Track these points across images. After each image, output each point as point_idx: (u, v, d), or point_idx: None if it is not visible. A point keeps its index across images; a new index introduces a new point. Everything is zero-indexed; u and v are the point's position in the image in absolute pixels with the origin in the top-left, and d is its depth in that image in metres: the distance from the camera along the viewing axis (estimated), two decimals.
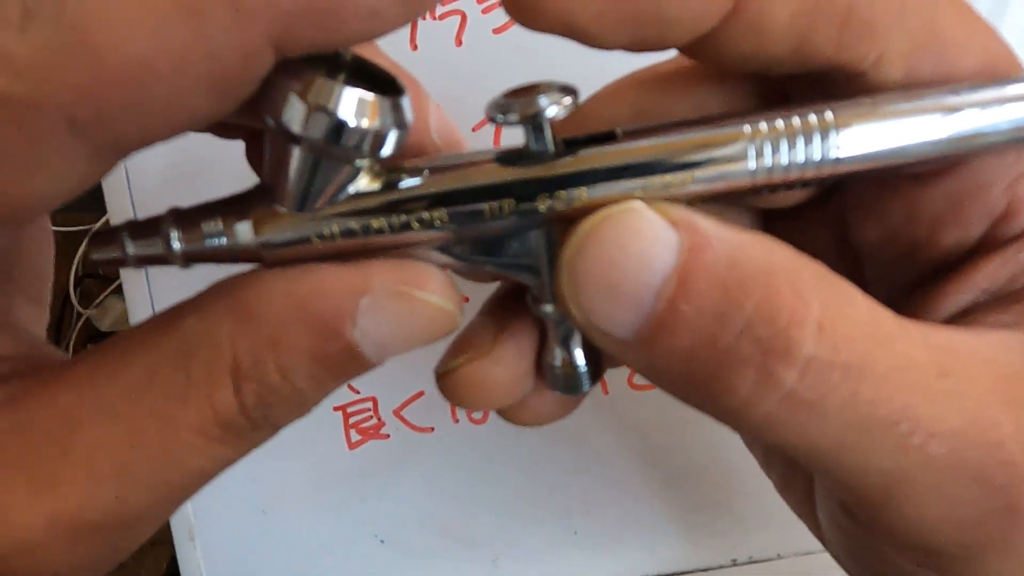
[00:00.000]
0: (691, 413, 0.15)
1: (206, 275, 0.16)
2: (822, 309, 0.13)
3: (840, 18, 0.14)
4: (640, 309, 0.13)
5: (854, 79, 0.15)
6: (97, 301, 0.68)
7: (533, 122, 0.14)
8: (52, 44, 0.11)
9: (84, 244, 0.64)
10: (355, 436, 0.35)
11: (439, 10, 0.32)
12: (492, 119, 0.14)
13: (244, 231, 0.15)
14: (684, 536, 0.36)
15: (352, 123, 0.13)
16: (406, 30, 0.32)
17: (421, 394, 0.35)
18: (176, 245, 0.15)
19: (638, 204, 0.14)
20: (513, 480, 0.36)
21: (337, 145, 0.13)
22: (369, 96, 0.13)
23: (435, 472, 0.36)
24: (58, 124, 0.12)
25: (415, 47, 0.32)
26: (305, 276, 0.14)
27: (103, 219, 0.58)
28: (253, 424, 0.15)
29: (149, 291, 0.34)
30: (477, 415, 0.35)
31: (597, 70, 0.32)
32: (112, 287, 0.67)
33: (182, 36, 0.11)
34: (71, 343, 0.69)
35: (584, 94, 0.35)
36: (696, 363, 0.13)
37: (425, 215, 0.15)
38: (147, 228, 0.15)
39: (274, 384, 0.14)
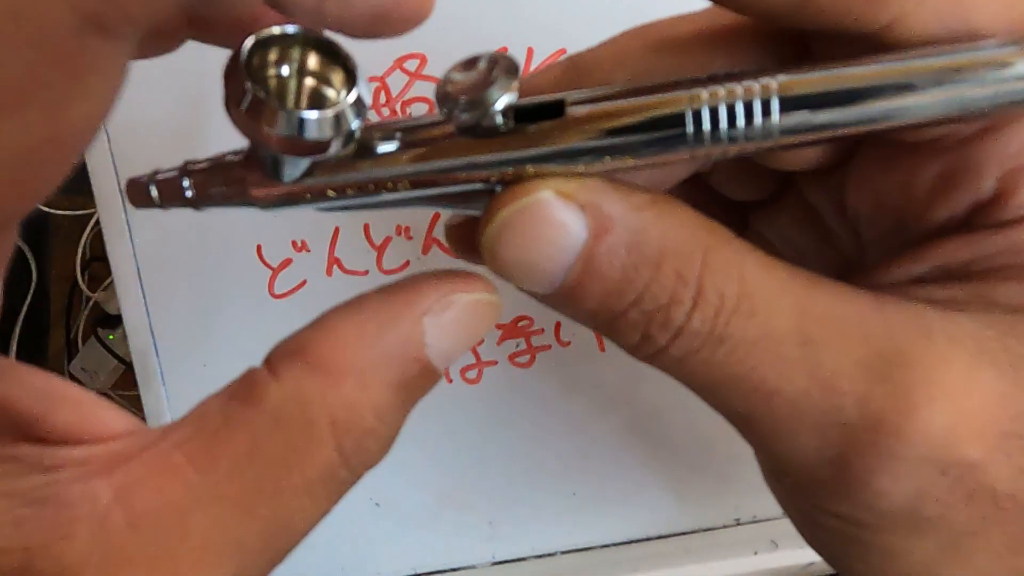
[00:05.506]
0: None
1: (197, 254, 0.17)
2: (697, 289, 0.16)
3: None
4: (552, 282, 0.16)
5: (868, 39, 0.15)
6: (105, 284, 0.68)
7: (485, 115, 0.15)
8: None
9: (90, 228, 0.65)
10: None
11: None
12: (442, 111, 0.16)
13: (239, 191, 0.17)
14: (686, 496, 0.36)
15: (318, 136, 0.14)
16: None
17: None
18: (189, 194, 0.17)
19: (548, 194, 0.16)
20: (509, 441, 0.35)
21: (304, 153, 0.15)
22: (331, 112, 0.14)
23: (429, 434, 0.35)
24: (86, 28, 0.12)
25: None
26: (367, 313, 0.15)
27: None
28: (353, 473, 0.15)
29: (138, 269, 0.34)
30: (471, 374, 0.35)
31: (585, 21, 0.31)
32: None
33: None
34: (80, 326, 0.70)
35: (569, 41, 0.34)
36: (598, 318, 0.17)
37: (390, 185, 0.16)
38: (167, 179, 0.18)
39: (370, 426, 0.15)
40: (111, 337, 0.69)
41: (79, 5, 0.12)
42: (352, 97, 0.15)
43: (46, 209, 0.66)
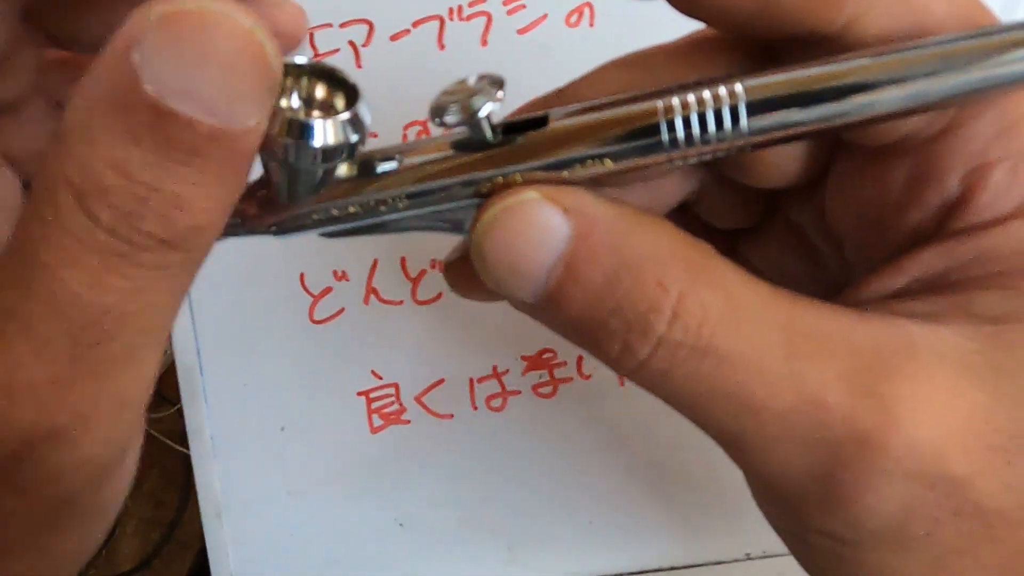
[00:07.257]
0: None
1: (244, 279, 0.18)
2: (679, 298, 0.16)
3: None
4: (536, 285, 0.16)
5: (829, 42, 0.16)
6: None
7: (471, 121, 0.16)
8: None
9: None
10: (377, 421, 0.36)
11: (465, 11, 0.33)
12: (434, 121, 0.17)
13: (253, 219, 0.18)
14: (698, 529, 0.37)
15: (321, 145, 0.15)
16: (433, 31, 0.34)
17: (442, 381, 0.36)
18: None
19: (534, 195, 0.16)
20: (530, 468, 0.37)
21: (310, 164, 0.16)
22: (334, 121, 0.15)
23: (454, 458, 0.37)
24: None
25: (442, 47, 0.34)
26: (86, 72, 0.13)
27: None
28: (129, 241, 0.13)
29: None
30: (496, 403, 0.36)
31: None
32: None
33: None
34: None
35: None
36: (580, 328, 0.17)
37: (390, 201, 0.17)
38: None
39: (115, 185, 0.13)
40: None
41: None
42: (351, 113, 0.16)
43: None
